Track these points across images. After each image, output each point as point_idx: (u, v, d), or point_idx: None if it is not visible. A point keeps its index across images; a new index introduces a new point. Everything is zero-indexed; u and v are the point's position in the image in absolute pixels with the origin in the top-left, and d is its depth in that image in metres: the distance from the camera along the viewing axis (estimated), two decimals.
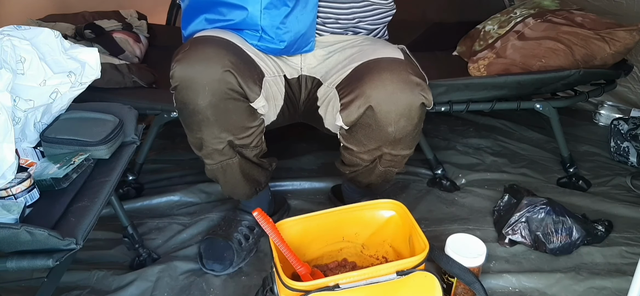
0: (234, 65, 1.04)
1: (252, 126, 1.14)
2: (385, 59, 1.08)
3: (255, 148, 1.19)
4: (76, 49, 1.07)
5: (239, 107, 1.08)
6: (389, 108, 1.03)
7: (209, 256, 1.27)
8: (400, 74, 1.03)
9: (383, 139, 1.09)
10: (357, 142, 1.13)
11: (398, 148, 1.12)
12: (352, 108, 1.06)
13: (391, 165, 1.19)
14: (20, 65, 0.98)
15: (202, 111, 1.06)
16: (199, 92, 1.03)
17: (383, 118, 1.05)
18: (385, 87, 1.02)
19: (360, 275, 0.93)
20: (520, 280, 1.20)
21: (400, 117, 1.04)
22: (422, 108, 1.07)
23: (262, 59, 1.17)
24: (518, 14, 1.76)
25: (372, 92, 1.03)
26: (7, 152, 0.90)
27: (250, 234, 1.32)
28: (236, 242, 1.29)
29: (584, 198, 1.51)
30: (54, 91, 1.03)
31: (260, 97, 1.10)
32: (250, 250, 1.32)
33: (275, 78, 1.20)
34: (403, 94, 1.02)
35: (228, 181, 1.22)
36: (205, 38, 1.08)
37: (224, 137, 1.11)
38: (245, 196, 1.31)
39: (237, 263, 1.27)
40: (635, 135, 1.70)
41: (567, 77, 1.47)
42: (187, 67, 1.03)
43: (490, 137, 1.91)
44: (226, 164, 1.17)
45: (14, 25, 1.03)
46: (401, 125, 1.05)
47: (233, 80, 1.04)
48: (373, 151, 1.14)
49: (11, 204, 0.89)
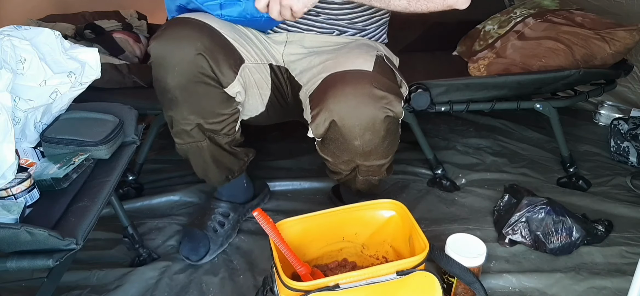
0: (206, 49, 1.06)
1: (224, 113, 1.15)
2: (350, 72, 1.06)
3: (227, 136, 1.20)
4: (76, 49, 1.07)
5: (210, 92, 1.10)
6: (353, 123, 1.02)
7: (186, 246, 1.30)
8: (364, 88, 1.02)
9: (352, 152, 1.09)
10: (330, 153, 1.14)
11: (371, 159, 1.12)
12: (318, 121, 1.05)
13: (369, 175, 1.19)
14: (20, 66, 0.98)
15: (171, 90, 1.09)
16: (168, 71, 1.06)
17: (347, 133, 1.04)
18: (347, 101, 1.01)
19: (360, 275, 0.93)
20: (520, 280, 1.20)
21: (365, 130, 1.04)
22: (389, 121, 1.05)
23: (245, 45, 1.17)
24: (518, 14, 1.76)
25: (335, 106, 1.02)
26: (7, 152, 0.90)
27: (225, 220, 1.35)
28: (211, 230, 1.31)
29: (584, 198, 1.51)
30: (54, 91, 1.03)
31: (235, 83, 1.12)
32: (227, 235, 1.34)
33: (258, 66, 1.20)
34: (366, 108, 1.01)
35: (198, 163, 1.26)
36: (183, 19, 1.10)
37: (193, 120, 1.14)
38: (217, 181, 1.33)
39: (215, 250, 1.30)
40: (635, 135, 1.70)
41: (567, 77, 1.47)
42: (160, 45, 1.06)
43: (490, 137, 1.91)
44: (195, 146, 1.20)
45: (14, 25, 1.03)
46: (367, 139, 1.05)
47: (205, 64, 1.06)
48: (348, 162, 1.14)
49: (11, 204, 0.90)
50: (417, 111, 1.49)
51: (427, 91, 1.45)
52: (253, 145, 1.35)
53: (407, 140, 1.78)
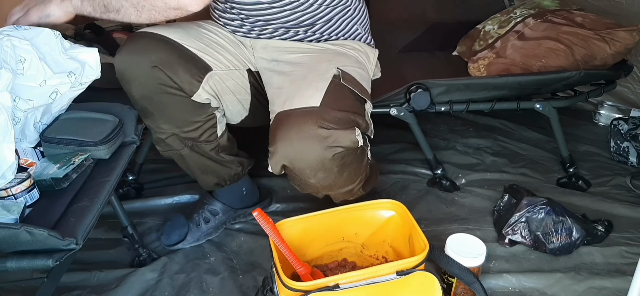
0: (162, 61, 1.09)
1: (196, 120, 1.17)
2: (295, 112, 1.04)
3: (209, 143, 1.22)
4: (76, 49, 1.07)
5: (177, 101, 1.13)
6: (302, 166, 1.03)
7: (165, 229, 1.36)
8: (308, 130, 1.00)
9: (313, 187, 1.10)
10: (297, 185, 1.14)
11: (334, 190, 1.13)
12: (272, 161, 1.05)
13: (345, 198, 1.20)
14: (20, 65, 0.98)
15: (138, 101, 1.14)
16: (131, 84, 1.11)
17: (300, 174, 1.05)
18: (292, 145, 1.01)
19: (360, 275, 0.93)
20: (520, 280, 1.20)
21: (316, 171, 1.04)
22: (341, 156, 1.03)
23: (213, 53, 1.18)
24: (518, 14, 1.76)
25: (283, 150, 1.02)
26: (7, 152, 0.90)
27: (212, 218, 1.37)
28: (194, 222, 1.35)
29: (583, 198, 1.51)
30: (54, 91, 1.03)
31: (200, 91, 1.14)
32: (208, 233, 1.37)
33: (232, 72, 1.20)
34: (311, 151, 1.00)
35: (185, 168, 1.29)
36: (142, 33, 1.13)
37: (167, 129, 1.17)
38: (207, 186, 1.36)
39: (189, 242, 1.33)
40: (635, 135, 1.70)
41: (567, 78, 1.47)
42: (121, 59, 1.10)
43: (490, 137, 1.91)
44: (177, 154, 1.23)
45: (14, 25, 1.03)
46: (320, 177, 1.05)
47: (162, 75, 1.09)
48: (316, 192, 1.15)
49: (11, 204, 0.89)
50: (417, 111, 1.49)
51: (427, 91, 1.45)
52: (253, 145, 1.35)
53: (407, 140, 1.79)
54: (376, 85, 1.34)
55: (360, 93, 1.14)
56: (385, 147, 1.82)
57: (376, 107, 1.48)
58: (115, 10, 1.02)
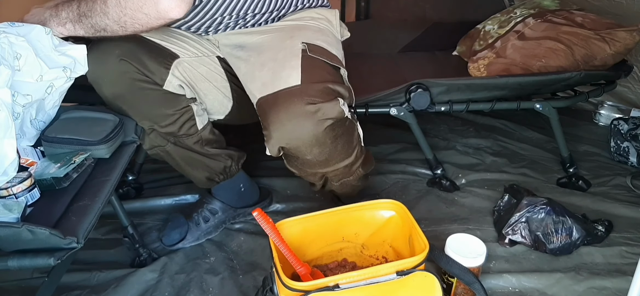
0: (127, 53, 1.08)
1: (171, 112, 1.17)
2: (280, 94, 1.05)
3: (190, 136, 1.22)
4: (65, 46, 1.08)
5: (148, 94, 1.13)
6: (297, 144, 1.04)
7: (166, 228, 1.36)
8: (296, 109, 1.02)
9: (310, 165, 1.11)
10: (295, 167, 1.15)
11: (332, 164, 1.13)
12: (269, 146, 1.07)
13: (343, 178, 1.20)
14: (17, 62, 0.98)
15: (111, 102, 1.13)
16: (102, 85, 1.11)
17: (296, 152, 1.07)
18: (284, 127, 1.03)
19: (360, 275, 0.93)
20: (520, 280, 1.20)
21: (311, 146, 1.05)
22: (331, 128, 1.04)
23: (177, 42, 1.17)
24: (518, 14, 1.76)
25: (276, 133, 1.04)
26: (9, 148, 0.90)
27: (211, 217, 1.38)
28: (194, 221, 1.36)
29: (584, 198, 1.51)
30: (49, 85, 1.03)
31: (170, 77, 1.13)
32: (208, 232, 1.37)
33: (201, 59, 1.20)
34: (303, 128, 1.02)
35: (174, 165, 1.29)
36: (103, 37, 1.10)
37: (146, 125, 1.17)
38: (199, 183, 1.36)
39: (189, 241, 1.34)
40: (635, 135, 1.70)
41: (567, 79, 1.47)
42: (89, 63, 1.08)
43: (490, 137, 1.91)
44: (162, 151, 1.23)
45: (8, 22, 1.03)
46: (316, 153, 1.07)
47: (130, 68, 1.09)
48: (313, 173, 1.16)
49: (12, 203, 0.89)
50: (417, 111, 1.49)
51: (427, 91, 1.45)
52: (253, 145, 1.35)
53: (407, 140, 1.79)
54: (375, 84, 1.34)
55: (332, 62, 1.15)
56: (385, 147, 1.82)
57: (376, 106, 1.49)
58: (102, 30, 1.03)
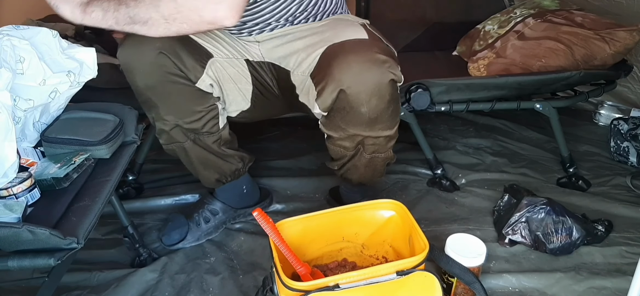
0: (167, 47, 1.08)
1: (199, 109, 1.18)
2: (349, 42, 1.08)
3: (211, 135, 1.23)
4: (74, 49, 1.08)
5: (181, 89, 1.13)
6: (359, 89, 1.03)
7: (166, 228, 1.35)
8: (366, 54, 1.03)
9: (359, 121, 1.09)
10: (336, 127, 1.13)
11: (376, 129, 1.12)
12: (325, 94, 1.06)
13: (375, 151, 1.18)
14: (20, 65, 0.98)
15: (142, 92, 1.13)
16: (136, 75, 1.10)
17: (355, 100, 1.05)
18: (351, 68, 1.02)
19: (360, 275, 0.93)
20: (520, 280, 1.20)
21: (371, 96, 1.04)
22: (393, 85, 1.06)
23: (211, 42, 1.18)
24: (518, 14, 1.76)
25: (341, 76, 1.03)
26: (9, 150, 0.90)
27: (212, 218, 1.38)
28: (194, 222, 1.36)
29: (584, 198, 1.51)
30: (53, 90, 1.03)
31: (204, 76, 1.14)
32: (208, 232, 1.37)
33: (231, 60, 1.21)
34: (371, 73, 1.02)
35: (186, 163, 1.29)
36: None
37: (171, 120, 1.17)
38: (208, 183, 1.36)
39: (189, 242, 1.34)
40: (635, 135, 1.70)
41: (567, 78, 1.47)
42: (124, 51, 1.09)
43: (490, 137, 1.91)
44: (180, 147, 1.23)
45: (13, 25, 1.03)
46: (373, 105, 1.06)
47: (168, 62, 1.09)
48: (353, 137, 1.14)
49: (13, 203, 0.90)
50: (417, 111, 1.49)
51: (427, 91, 1.45)
52: (253, 145, 1.36)
53: (407, 140, 1.79)
54: None
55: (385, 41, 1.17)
56: None
57: None
58: (142, 22, 0.97)
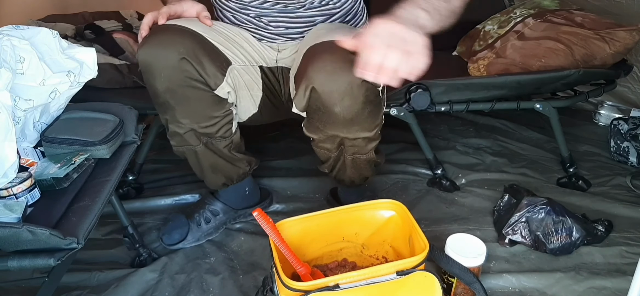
0: (190, 53, 1.08)
1: (216, 115, 1.18)
2: (329, 42, 1.06)
3: (224, 139, 1.23)
4: (74, 49, 1.08)
5: (200, 95, 1.13)
6: (331, 88, 1.02)
7: (166, 228, 1.36)
8: (340, 54, 1.01)
9: (334, 121, 1.08)
10: (315, 128, 1.13)
11: (354, 130, 1.11)
12: (299, 93, 1.05)
13: (356, 153, 1.18)
14: (20, 65, 0.98)
15: (161, 95, 1.12)
16: (156, 77, 1.09)
17: (327, 99, 1.04)
18: (325, 67, 1.01)
19: (360, 275, 0.93)
20: (520, 280, 1.20)
21: (343, 95, 1.03)
22: (366, 87, 1.04)
23: (231, 48, 1.19)
24: (518, 14, 1.76)
25: (314, 74, 1.02)
26: (9, 150, 0.90)
27: (213, 218, 1.38)
28: (195, 222, 1.36)
29: (584, 198, 1.51)
30: (53, 90, 1.03)
31: (224, 84, 1.14)
32: (209, 233, 1.38)
33: (247, 67, 1.22)
34: (342, 73, 1.01)
35: (195, 166, 1.29)
36: (167, 25, 1.12)
37: (186, 124, 1.17)
38: (214, 186, 1.36)
39: (190, 242, 1.34)
40: (635, 135, 1.70)
41: (566, 77, 1.47)
42: (146, 51, 1.08)
43: (490, 137, 1.91)
44: (191, 150, 1.23)
45: (13, 25, 1.03)
46: (346, 104, 1.04)
47: (190, 68, 1.09)
48: (333, 138, 1.13)
49: (13, 203, 0.90)
50: (417, 111, 1.49)
51: (427, 91, 1.45)
52: (253, 145, 1.36)
53: (407, 140, 1.79)
54: None
55: None
56: (385, 147, 1.81)
57: None
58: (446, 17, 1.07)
